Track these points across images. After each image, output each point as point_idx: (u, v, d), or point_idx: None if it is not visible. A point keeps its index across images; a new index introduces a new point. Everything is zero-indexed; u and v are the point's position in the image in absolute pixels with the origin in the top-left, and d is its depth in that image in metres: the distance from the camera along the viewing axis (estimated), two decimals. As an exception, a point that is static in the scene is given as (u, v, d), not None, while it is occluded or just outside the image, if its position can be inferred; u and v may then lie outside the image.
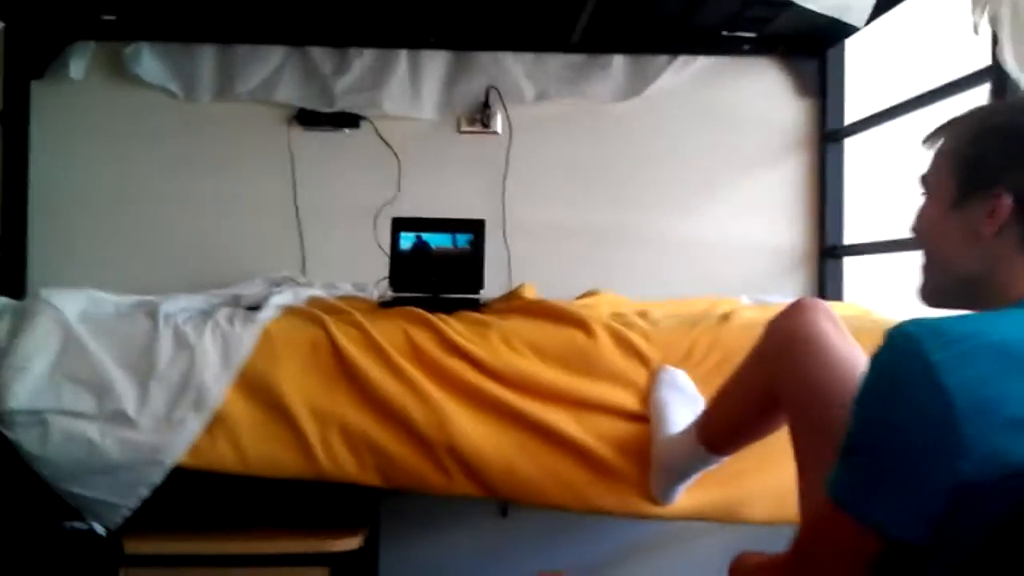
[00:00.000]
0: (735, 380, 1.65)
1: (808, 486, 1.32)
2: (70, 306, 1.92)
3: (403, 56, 2.87)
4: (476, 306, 2.13)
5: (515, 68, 2.88)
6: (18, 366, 1.80)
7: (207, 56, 2.86)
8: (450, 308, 2.06)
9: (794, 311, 1.47)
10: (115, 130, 2.87)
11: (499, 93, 2.87)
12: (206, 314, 1.96)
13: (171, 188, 2.85)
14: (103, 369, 1.83)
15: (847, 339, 1.41)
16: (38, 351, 1.83)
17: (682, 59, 2.89)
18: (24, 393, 1.79)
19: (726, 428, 1.67)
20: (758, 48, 2.87)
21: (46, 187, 2.84)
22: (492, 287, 2.29)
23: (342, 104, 2.85)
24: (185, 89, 2.86)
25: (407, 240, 2.22)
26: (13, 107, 2.79)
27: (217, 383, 1.82)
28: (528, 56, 2.89)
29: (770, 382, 1.49)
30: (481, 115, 2.88)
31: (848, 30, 2.56)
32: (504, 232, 2.82)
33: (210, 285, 2.54)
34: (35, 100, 2.84)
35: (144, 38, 2.82)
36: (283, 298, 2.11)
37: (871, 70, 2.87)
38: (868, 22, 2.28)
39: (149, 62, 2.83)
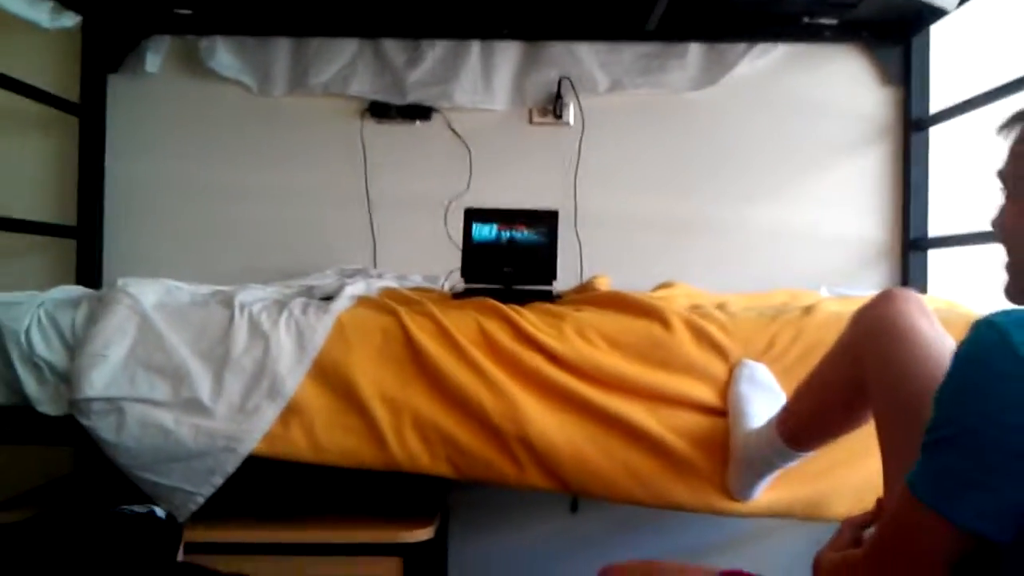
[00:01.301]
0: (819, 373, 1.58)
1: (891, 478, 1.26)
2: (146, 295, 1.93)
3: (475, 47, 2.84)
4: (550, 297, 2.11)
5: (588, 58, 2.84)
6: (95, 354, 1.82)
7: (281, 49, 2.87)
8: (523, 299, 2.03)
9: (884, 300, 1.42)
10: (190, 123, 2.90)
11: (572, 83, 2.83)
12: (281, 304, 1.96)
13: (245, 181, 2.87)
14: (179, 357, 1.84)
15: (938, 329, 1.35)
16: (115, 340, 1.84)
17: (761, 46, 2.81)
18: (100, 381, 1.80)
19: (809, 423, 1.62)
20: (840, 35, 2.78)
21: (122, 180, 2.88)
22: (564, 279, 2.26)
23: (414, 96, 2.84)
24: (259, 82, 2.87)
25: (480, 231, 2.19)
26: (90, 101, 2.83)
27: (291, 372, 1.82)
28: (602, 46, 2.84)
29: (857, 373, 1.42)
30: (553, 106, 2.84)
31: (936, 15, 2.46)
32: (575, 224, 2.78)
33: (283, 276, 2.57)
34: (111, 94, 2.88)
35: (219, 32, 2.84)
36: (356, 288, 2.10)
37: (957, 57, 2.77)
38: (958, 5, 2.20)
39: (224, 56, 2.85)
